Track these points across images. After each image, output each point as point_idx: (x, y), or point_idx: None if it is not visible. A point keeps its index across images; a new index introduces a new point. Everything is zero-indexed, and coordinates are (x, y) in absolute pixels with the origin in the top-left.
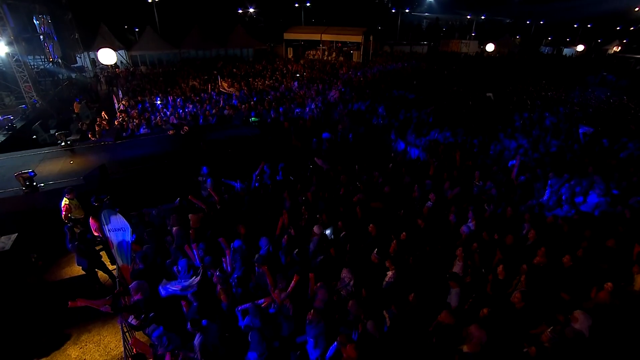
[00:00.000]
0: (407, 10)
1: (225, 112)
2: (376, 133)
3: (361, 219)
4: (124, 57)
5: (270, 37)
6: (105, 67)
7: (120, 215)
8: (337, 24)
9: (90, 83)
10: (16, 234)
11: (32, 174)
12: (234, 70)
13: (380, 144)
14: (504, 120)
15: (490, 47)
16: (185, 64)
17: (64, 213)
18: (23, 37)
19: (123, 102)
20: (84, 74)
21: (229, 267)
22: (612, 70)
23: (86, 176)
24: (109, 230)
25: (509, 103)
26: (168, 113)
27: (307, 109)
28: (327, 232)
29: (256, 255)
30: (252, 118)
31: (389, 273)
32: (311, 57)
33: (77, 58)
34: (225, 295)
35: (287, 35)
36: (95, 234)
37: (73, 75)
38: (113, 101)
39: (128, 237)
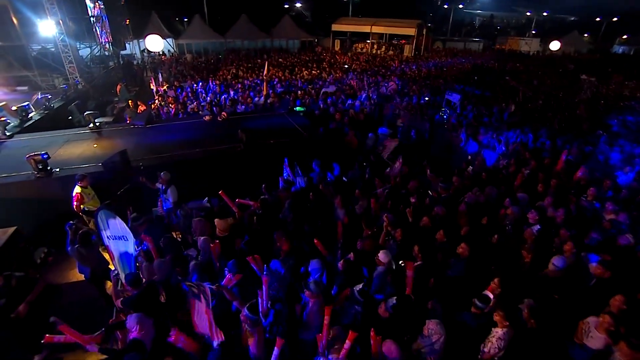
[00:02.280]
0: (460, 6)
1: (269, 100)
2: (442, 131)
3: (441, 242)
4: (172, 46)
5: (316, 29)
6: (154, 55)
7: (120, 220)
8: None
9: (136, 68)
10: (14, 227)
11: (45, 156)
12: (280, 59)
13: (446, 143)
14: (599, 123)
15: (555, 46)
16: (230, 53)
17: (75, 203)
18: (71, 18)
19: (164, 86)
20: (132, 60)
21: (265, 303)
22: None
23: (105, 162)
24: (107, 237)
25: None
26: (208, 99)
27: (358, 101)
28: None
29: (310, 280)
30: (298, 107)
31: (498, 331)
32: (359, 50)
33: (126, 45)
34: (257, 344)
35: (336, 27)
36: None
37: (121, 61)
38: (151, 85)
39: (131, 248)
